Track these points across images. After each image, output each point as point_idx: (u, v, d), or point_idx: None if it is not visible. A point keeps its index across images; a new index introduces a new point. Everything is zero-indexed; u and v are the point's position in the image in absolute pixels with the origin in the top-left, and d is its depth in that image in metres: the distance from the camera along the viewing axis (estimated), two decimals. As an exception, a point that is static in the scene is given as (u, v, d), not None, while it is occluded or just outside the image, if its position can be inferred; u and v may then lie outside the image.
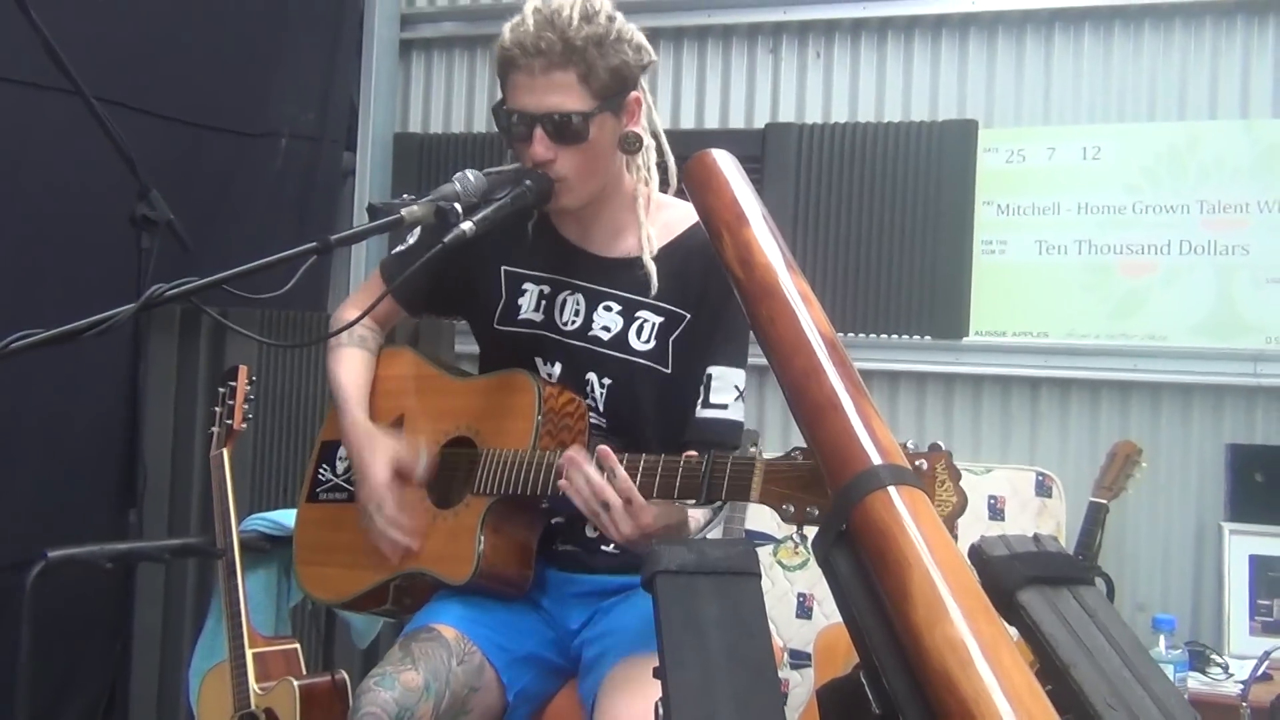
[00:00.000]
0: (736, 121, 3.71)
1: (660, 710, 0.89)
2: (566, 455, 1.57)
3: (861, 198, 3.48)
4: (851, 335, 3.46)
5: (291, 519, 2.34)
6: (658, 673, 0.90)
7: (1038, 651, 0.93)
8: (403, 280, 1.76)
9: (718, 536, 2.90)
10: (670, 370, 1.77)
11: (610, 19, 1.66)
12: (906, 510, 0.92)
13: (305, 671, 2.21)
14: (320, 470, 1.96)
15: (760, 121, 3.66)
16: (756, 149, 3.55)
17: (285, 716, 2.11)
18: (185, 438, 3.26)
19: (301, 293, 1.82)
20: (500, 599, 1.77)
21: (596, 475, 1.53)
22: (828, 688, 0.94)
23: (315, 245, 1.42)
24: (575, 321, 1.80)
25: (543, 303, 1.82)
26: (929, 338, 3.43)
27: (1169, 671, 2.39)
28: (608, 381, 1.78)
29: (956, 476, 1.32)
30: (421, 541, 1.77)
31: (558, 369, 1.80)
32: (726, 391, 1.75)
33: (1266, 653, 2.50)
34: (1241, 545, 3.12)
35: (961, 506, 1.31)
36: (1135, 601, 3.22)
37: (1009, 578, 0.96)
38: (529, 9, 1.66)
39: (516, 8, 1.68)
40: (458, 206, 1.52)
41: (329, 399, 1.95)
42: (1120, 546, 3.22)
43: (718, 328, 1.74)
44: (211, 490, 2.33)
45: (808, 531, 1.30)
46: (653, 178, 1.80)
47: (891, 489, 0.94)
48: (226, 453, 2.32)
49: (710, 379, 1.75)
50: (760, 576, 0.98)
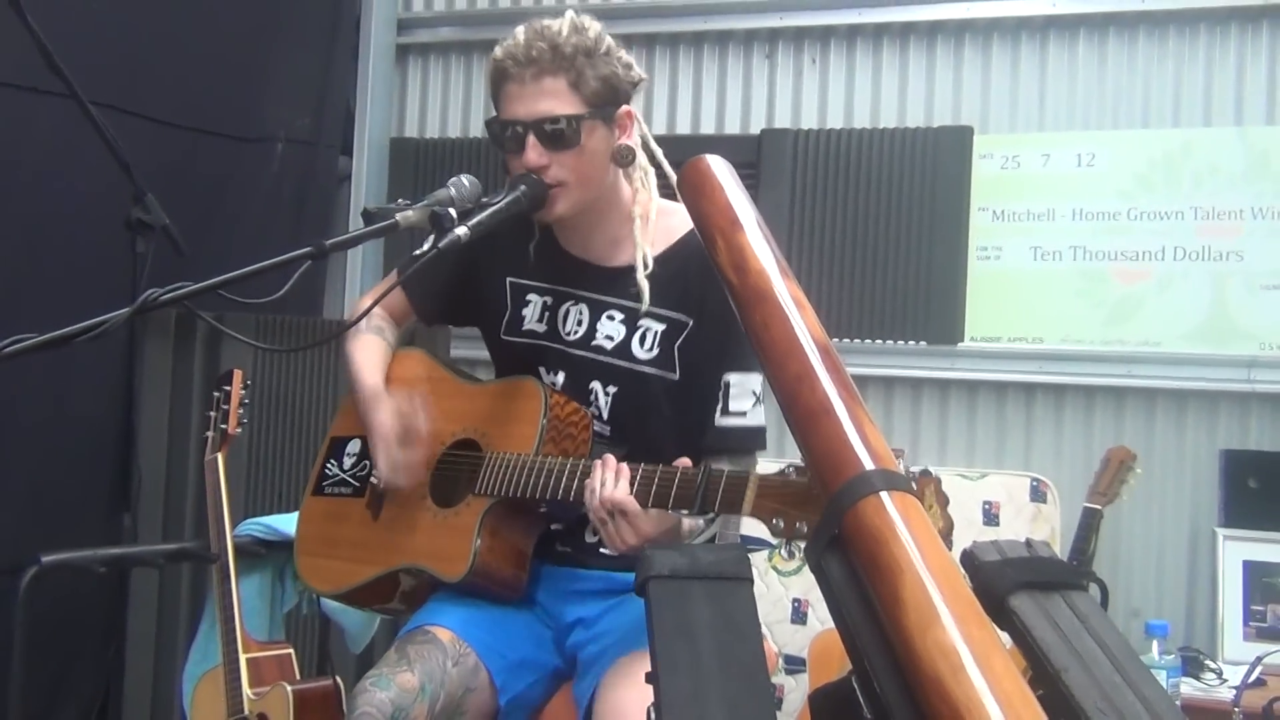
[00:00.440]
0: (732, 127, 3.72)
1: (653, 715, 0.89)
2: (600, 459, 1.60)
3: (857, 203, 3.48)
4: (847, 341, 3.46)
5: (285, 524, 2.35)
6: (650, 677, 0.90)
7: (1029, 657, 0.93)
8: (419, 286, 1.83)
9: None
10: (679, 376, 1.78)
11: (600, 35, 1.71)
12: (899, 515, 0.92)
13: (299, 676, 2.21)
14: (328, 465, 1.99)
15: (756, 127, 3.66)
16: (752, 155, 3.56)
17: (279, 721, 2.11)
18: (180, 442, 3.25)
19: (297, 297, 1.83)
20: (495, 601, 1.78)
21: (612, 482, 1.55)
22: (820, 693, 0.94)
23: (310, 250, 1.42)
24: (578, 331, 1.82)
25: (546, 314, 1.85)
26: (924, 343, 3.44)
27: (1162, 677, 2.39)
28: (612, 390, 1.80)
29: (945, 502, 1.34)
30: (419, 537, 1.79)
31: (561, 378, 1.83)
32: (745, 398, 1.76)
33: (1259, 658, 2.50)
34: (1235, 551, 3.12)
35: (947, 531, 1.32)
36: (1130, 607, 3.23)
37: (1001, 583, 0.96)
38: (519, 28, 1.70)
39: (513, 13, 1.70)
40: (452, 211, 1.53)
41: (344, 390, 1.98)
42: (1115, 552, 3.23)
43: (729, 333, 1.75)
44: (206, 494, 2.33)
45: (795, 546, 1.32)
46: (652, 194, 1.81)
47: (884, 494, 0.94)
48: (221, 457, 2.32)
49: (728, 386, 1.76)
50: (752, 581, 0.98)
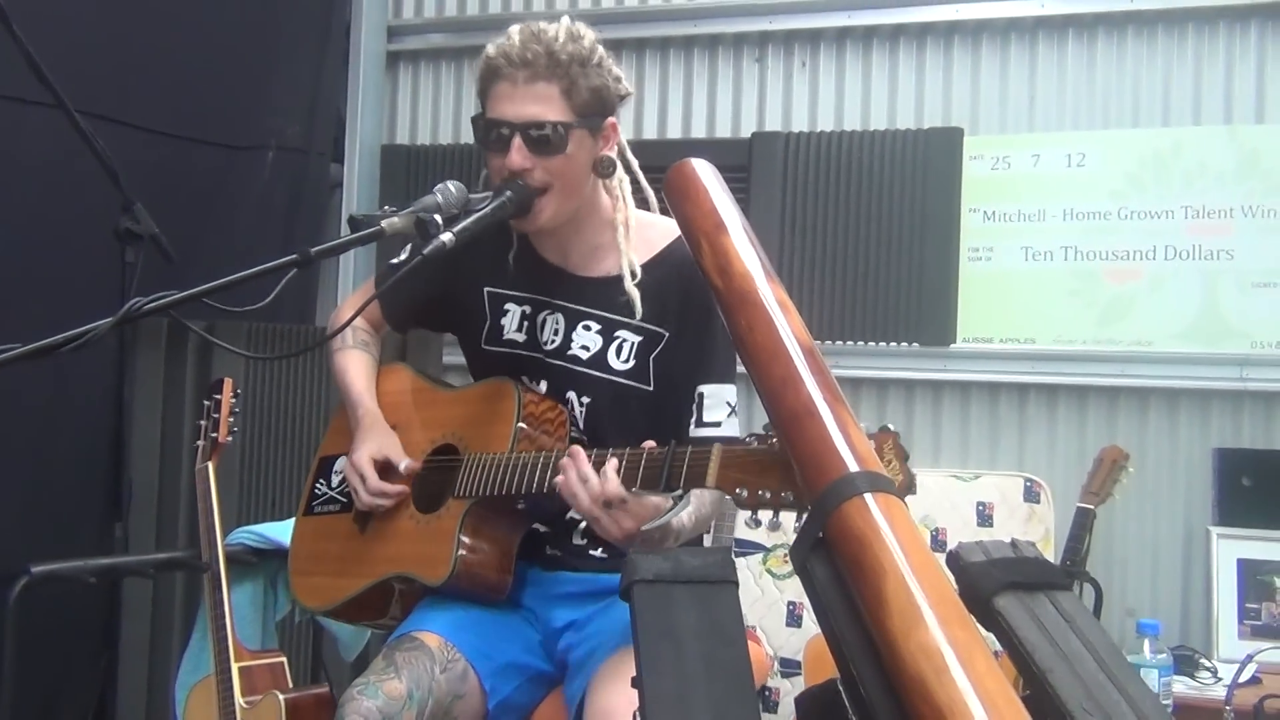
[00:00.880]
0: (723, 131, 3.72)
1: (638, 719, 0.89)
2: (565, 458, 1.58)
3: (848, 206, 3.48)
4: (839, 343, 3.46)
5: (277, 532, 2.35)
6: (635, 681, 0.90)
7: (1015, 657, 0.93)
8: (390, 294, 1.79)
9: (706, 545, 2.90)
10: (653, 388, 1.78)
11: (594, 45, 1.71)
12: (882, 517, 0.92)
13: (291, 685, 2.21)
14: (317, 485, 2.00)
15: (746, 130, 3.66)
16: (743, 158, 3.56)
17: (272, 730, 2.10)
18: (172, 451, 3.25)
19: (289, 305, 1.84)
20: (481, 604, 1.78)
21: (595, 476, 1.54)
22: (806, 696, 0.94)
23: (296, 258, 1.42)
24: (555, 341, 1.83)
25: (525, 323, 1.85)
26: (917, 345, 3.44)
27: (1154, 676, 2.39)
28: (587, 400, 1.81)
29: (903, 456, 1.35)
30: (403, 545, 1.79)
31: (543, 387, 1.83)
32: (719, 409, 1.76)
33: (1249, 656, 2.50)
34: (1230, 549, 3.12)
35: (908, 484, 1.33)
36: (1125, 607, 3.22)
37: (986, 584, 0.96)
38: (514, 28, 1.70)
39: (504, 19, 1.70)
40: (438, 218, 1.53)
41: (335, 399, 1.98)
42: (1109, 552, 3.23)
43: (703, 345, 1.75)
44: (198, 503, 2.33)
45: (762, 516, 1.32)
46: (629, 204, 1.81)
47: (868, 496, 0.94)
48: (212, 466, 2.32)
49: (702, 398, 1.76)
50: (737, 584, 0.98)
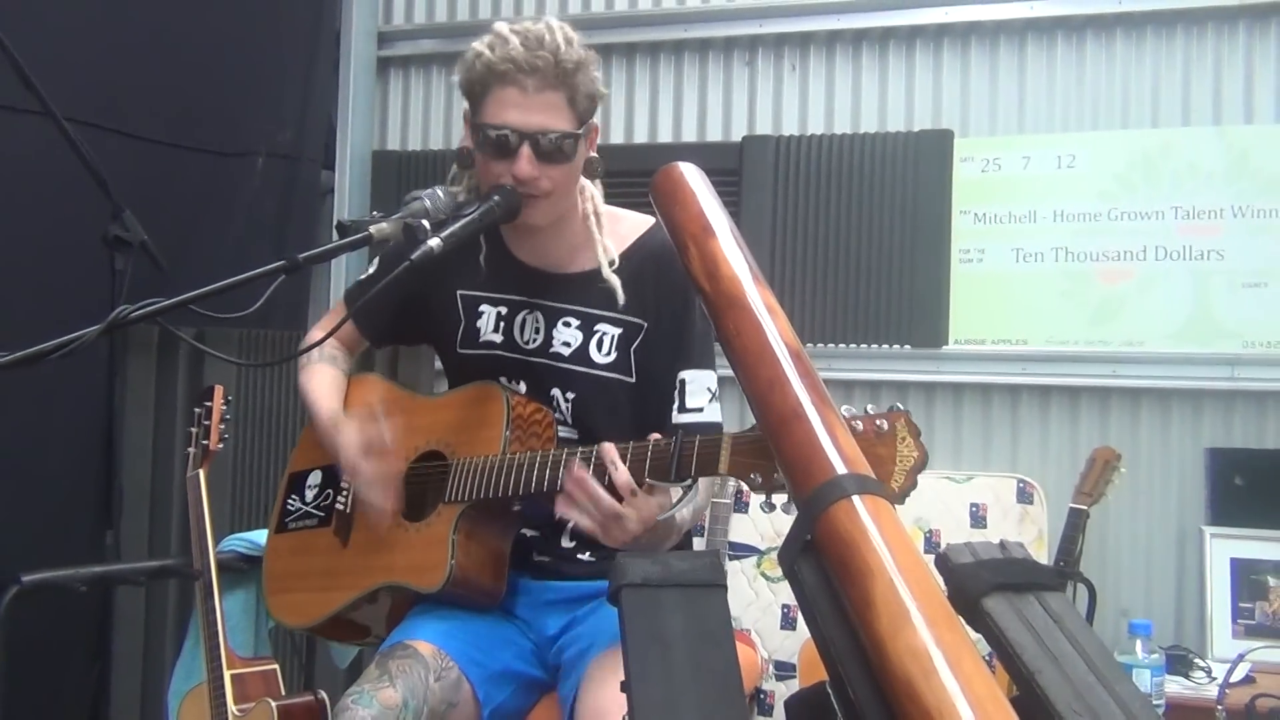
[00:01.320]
0: (714, 134, 3.72)
1: (627, 723, 0.89)
2: (569, 482, 1.56)
3: (839, 208, 3.49)
4: (831, 345, 3.46)
5: (270, 539, 2.32)
6: (623, 686, 0.90)
7: (1003, 658, 0.92)
8: (366, 307, 1.79)
9: (700, 547, 2.89)
10: (635, 379, 1.78)
11: (584, 46, 1.70)
12: (870, 519, 0.92)
13: (284, 692, 2.20)
14: (289, 501, 1.97)
15: (737, 134, 3.67)
16: (734, 161, 3.56)
17: (264, 738, 2.10)
18: (164, 459, 3.24)
19: (280, 311, 1.83)
20: (475, 610, 1.77)
21: (602, 493, 1.54)
22: (795, 699, 0.94)
23: (283, 264, 1.42)
24: (535, 339, 1.82)
25: (501, 323, 1.84)
26: (909, 347, 3.44)
27: (1146, 676, 2.39)
28: (571, 395, 1.80)
29: (916, 433, 1.37)
30: (393, 554, 1.77)
31: (522, 387, 1.82)
32: (700, 394, 1.77)
33: (1241, 655, 2.50)
34: (1223, 549, 3.13)
35: (923, 460, 1.35)
36: (1118, 607, 3.23)
37: (974, 585, 0.95)
38: (505, 29, 1.67)
39: (493, 24, 1.68)
40: (425, 223, 1.53)
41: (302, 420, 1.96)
42: (1102, 552, 3.23)
43: (681, 332, 1.76)
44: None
45: (764, 531, 1.32)
46: (596, 195, 1.82)
47: (856, 498, 0.94)
48: (203, 473, 2.31)
49: (684, 384, 1.77)
50: (726, 588, 0.98)
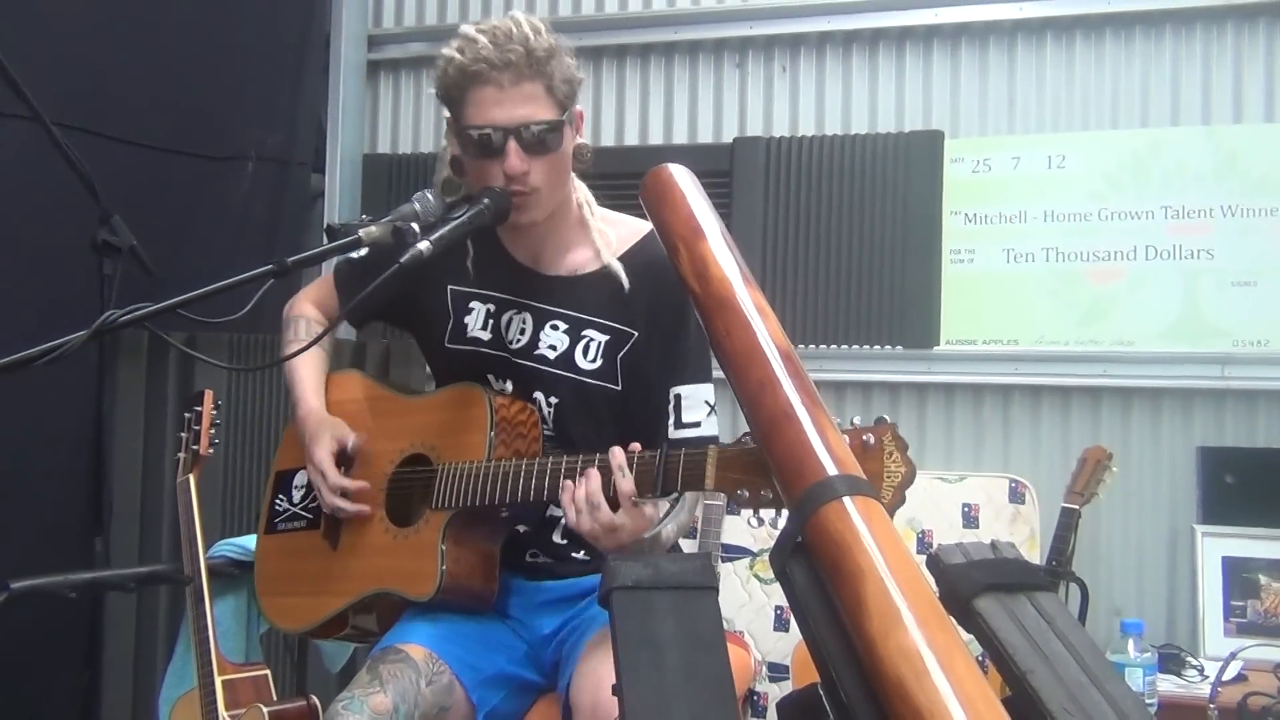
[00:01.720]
0: (705, 136, 3.72)
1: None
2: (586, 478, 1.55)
3: (830, 209, 3.49)
4: (823, 347, 3.47)
5: (260, 544, 2.31)
6: (615, 690, 0.90)
7: (995, 659, 0.92)
8: (351, 289, 1.81)
9: (693, 550, 2.89)
10: (620, 388, 1.77)
11: (551, 32, 1.69)
12: (861, 520, 0.92)
13: (275, 697, 2.19)
14: (277, 500, 1.95)
15: (728, 136, 3.67)
16: (725, 163, 3.57)
17: (256, 744, 2.09)
18: (155, 464, 3.23)
19: (270, 315, 1.82)
20: (467, 614, 1.76)
21: (605, 505, 1.53)
22: (787, 701, 0.94)
23: (272, 267, 1.42)
24: (521, 340, 1.81)
25: (490, 321, 1.83)
26: (900, 348, 3.44)
27: (1138, 675, 2.40)
28: (554, 400, 1.79)
29: (904, 447, 1.35)
30: (382, 560, 1.76)
31: (509, 386, 1.81)
32: (697, 409, 1.75)
33: (1233, 653, 2.50)
34: (1214, 547, 3.13)
35: (910, 476, 1.33)
36: (1111, 606, 3.23)
37: (966, 585, 0.96)
38: (471, 30, 1.66)
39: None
40: (415, 226, 1.52)
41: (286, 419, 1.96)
42: (1094, 551, 3.24)
43: (677, 346, 1.74)
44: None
45: (764, 515, 1.31)
46: (584, 189, 1.81)
47: (846, 499, 0.94)
48: (193, 478, 2.30)
49: (679, 399, 1.74)
50: (717, 590, 0.98)
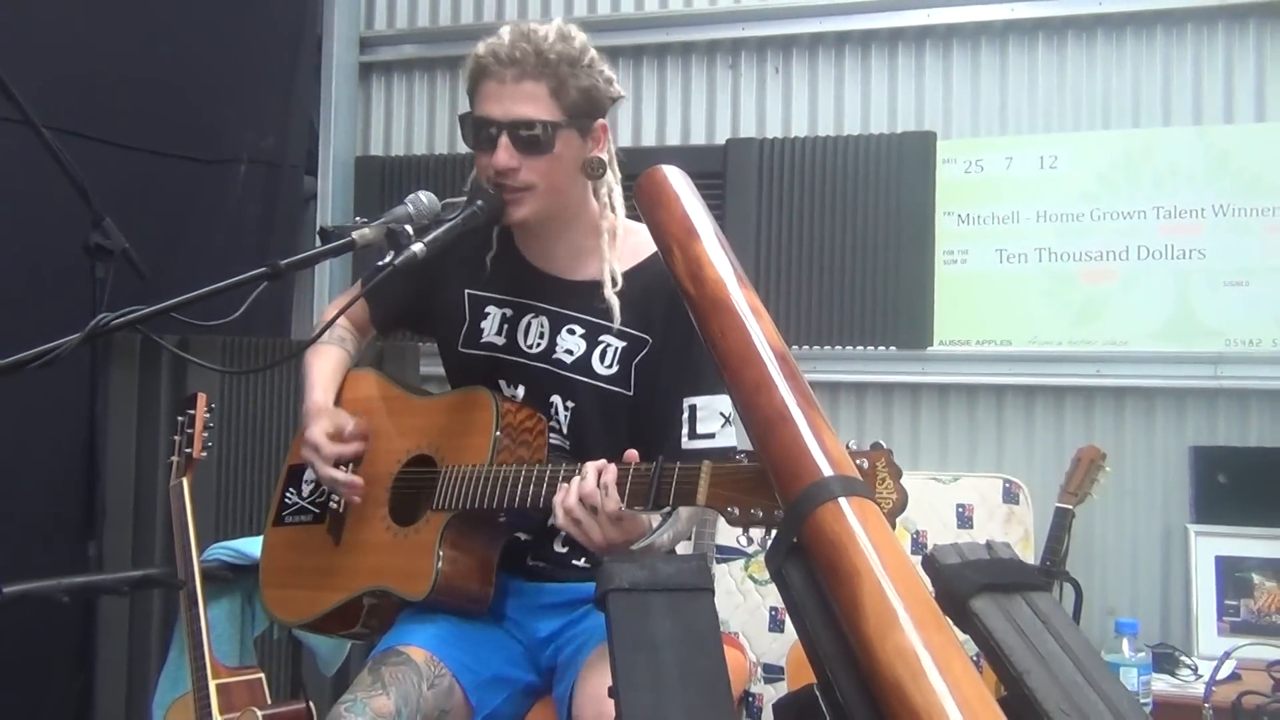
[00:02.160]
0: (697, 138, 3.73)
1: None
2: (582, 491, 1.55)
3: (823, 211, 3.50)
4: (816, 348, 3.47)
5: (254, 547, 2.32)
6: (611, 692, 0.89)
7: (992, 659, 0.92)
8: (374, 298, 1.80)
9: (687, 550, 2.89)
10: (633, 394, 1.77)
11: (585, 45, 1.70)
12: (857, 521, 0.92)
13: (270, 701, 2.19)
14: (287, 494, 1.96)
15: (721, 137, 3.67)
16: (718, 164, 3.57)
17: (251, 748, 2.08)
18: (148, 467, 3.22)
19: (263, 318, 1.82)
20: (464, 616, 1.76)
21: (601, 523, 1.53)
22: (783, 703, 0.93)
23: (266, 270, 1.41)
24: (539, 344, 1.81)
25: (505, 326, 1.83)
26: (894, 348, 3.45)
27: (1133, 675, 2.40)
28: (571, 405, 1.79)
29: (897, 474, 1.34)
30: (381, 558, 1.77)
31: (521, 391, 1.81)
32: (713, 420, 1.75)
33: (1227, 653, 2.51)
34: (1208, 547, 3.14)
35: (902, 504, 1.33)
36: (1105, 606, 3.24)
37: (962, 586, 0.95)
38: (506, 28, 1.69)
39: (477, 29, 1.69)
40: (408, 228, 1.52)
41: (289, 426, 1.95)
42: (1088, 551, 3.24)
43: (690, 357, 1.74)
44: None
45: (754, 534, 1.31)
46: (619, 211, 1.81)
47: (842, 500, 0.94)
48: (186, 482, 2.29)
49: (693, 410, 1.74)
50: (713, 592, 0.97)
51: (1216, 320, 3.22)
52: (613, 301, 1.74)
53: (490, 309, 1.85)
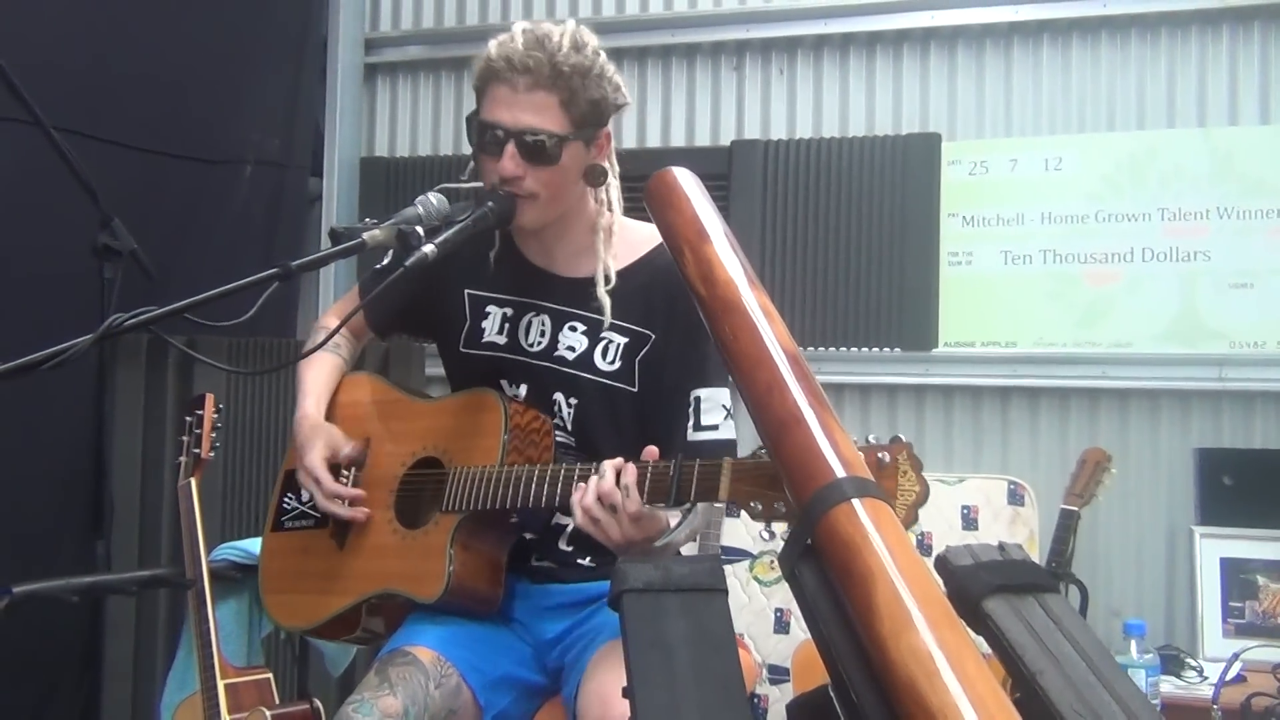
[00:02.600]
0: (702, 139, 3.73)
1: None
2: (602, 490, 1.55)
3: (828, 212, 3.50)
4: (822, 349, 3.47)
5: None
6: (626, 692, 0.90)
7: (1004, 660, 0.93)
8: (374, 301, 1.78)
9: (692, 553, 2.89)
10: (637, 389, 1.77)
11: (597, 53, 1.70)
12: (870, 522, 0.92)
13: (278, 701, 2.19)
14: (285, 499, 1.95)
15: (726, 139, 3.67)
16: (723, 166, 3.57)
17: (259, 748, 2.09)
18: (154, 468, 3.23)
19: (269, 319, 1.82)
20: (473, 617, 1.76)
21: (619, 494, 1.53)
22: (796, 703, 0.94)
23: (276, 271, 1.42)
24: (541, 342, 1.81)
25: (506, 325, 1.84)
26: (899, 350, 3.45)
27: (1141, 676, 2.40)
28: (575, 401, 1.79)
29: (918, 467, 1.36)
30: (389, 561, 1.77)
31: (524, 390, 1.81)
32: (715, 412, 1.76)
33: (1235, 655, 2.51)
34: (1212, 548, 3.14)
35: (924, 495, 1.34)
36: (1110, 608, 3.24)
37: (974, 587, 0.96)
38: (518, 28, 1.68)
39: (482, 30, 1.69)
40: (419, 229, 1.53)
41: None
42: (1093, 553, 3.24)
43: (694, 349, 1.74)
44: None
45: (776, 528, 1.32)
46: (616, 209, 1.81)
47: (855, 501, 0.94)
48: (194, 482, 2.30)
49: (698, 401, 1.75)
50: (727, 592, 0.98)
51: (1221, 322, 3.23)
52: (604, 300, 1.75)
53: (491, 308, 1.85)
